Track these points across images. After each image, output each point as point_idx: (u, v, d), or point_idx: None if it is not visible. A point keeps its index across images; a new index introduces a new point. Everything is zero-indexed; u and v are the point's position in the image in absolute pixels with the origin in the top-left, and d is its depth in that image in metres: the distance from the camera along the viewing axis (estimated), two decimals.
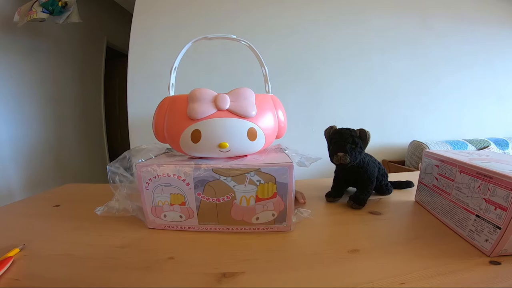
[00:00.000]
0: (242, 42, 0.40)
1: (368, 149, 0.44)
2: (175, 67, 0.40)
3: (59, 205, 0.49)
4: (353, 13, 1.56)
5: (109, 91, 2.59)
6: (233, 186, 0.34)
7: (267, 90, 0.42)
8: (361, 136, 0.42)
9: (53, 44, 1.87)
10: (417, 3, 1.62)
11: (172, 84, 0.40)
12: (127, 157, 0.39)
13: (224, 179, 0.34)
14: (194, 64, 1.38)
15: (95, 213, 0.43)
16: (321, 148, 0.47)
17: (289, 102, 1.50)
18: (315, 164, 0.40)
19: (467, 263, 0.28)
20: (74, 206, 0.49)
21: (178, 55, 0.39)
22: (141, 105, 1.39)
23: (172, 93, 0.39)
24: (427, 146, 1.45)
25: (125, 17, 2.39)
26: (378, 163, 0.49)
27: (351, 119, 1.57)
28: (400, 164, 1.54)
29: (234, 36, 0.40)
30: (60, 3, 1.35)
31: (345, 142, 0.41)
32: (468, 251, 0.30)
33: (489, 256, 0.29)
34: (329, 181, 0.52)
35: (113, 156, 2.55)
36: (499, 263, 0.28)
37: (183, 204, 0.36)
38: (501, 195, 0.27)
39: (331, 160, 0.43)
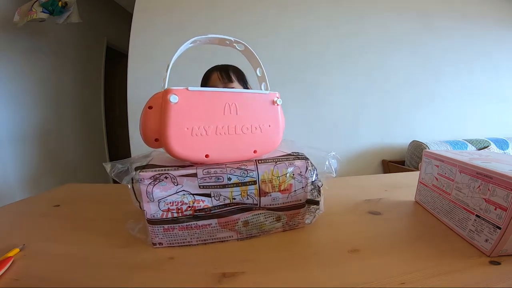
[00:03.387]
0: (236, 47, 0.38)
1: (368, 149, 0.44)
2: (170, 67, 0.39)
3: (59, 205, 0.49)
4: (352, 12, 1.56)
5: (109, 91, 2.60)
6: None
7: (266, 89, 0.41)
8: None
9: (53, 44, 1.87)
10: (417, 3, 1.62)
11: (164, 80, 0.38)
12: None
13: None
14: (191, 60, 1.37)
15: (95, 213, 0.42)
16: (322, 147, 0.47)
17: (288, 101, 1.50)
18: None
19: (467, 263, 0.28)
20: (74, 206, 0.49)
21: (174, 54, 0.37)
22: (141, 105, 1.39)
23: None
24: (427, 146, 1.45)
25: (125, 17, 2.39)
26: None
27: (351, 119, 1.57)
28: (400, 164, 1.54)
29: (232, 39, 0.38)
30: (60, 3, 1.35)
31: None
32: (468, 251, 0.30)
33: (489, 256, 0.29)
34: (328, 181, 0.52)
35: (113, 156, 2.55)
36: (499, 263, 0.28)
37: None
38: (501, 195, 0.27)
39: None
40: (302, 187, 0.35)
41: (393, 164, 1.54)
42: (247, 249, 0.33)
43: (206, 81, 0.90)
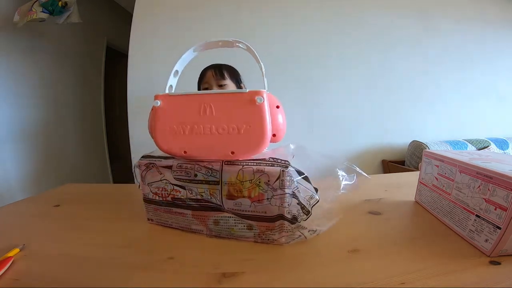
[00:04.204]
0: (240, 46, 0.39)
1: (368, 149, 0.44)
2: (176, 71, 0.39)
3: (59, 205, 0.49)
4: (352, 12, 1.56)
5: (109, 91, 2.59)
6: None
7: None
8: None
9: (53, 44, 1.87)
10: (417, 3, 1.62)
11: (171, 85, 0.39)
12: None
13: None
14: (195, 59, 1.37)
15: (95, 213, 0.42)
16: (321, 147, 0.46)
17: (288, 102, 1.50)
18: None
19: (467, 263, 0.28)
20: (74, 206, 0.49)
21: (179, 59, 0.38)
22: (141, 105, 1.39)
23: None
24: (427, 146, 1.45)
25: (125, 17, 2.39)
26: None
27: (351, 119, 1.57)
28: (400, 164, 1.54)
29: (231, 40, 0.39)
30: (60, 3, 1.35)
31: None
32: (468, 251, 0.30)
33: (489, 256, 0.29)
34: (324, 181, 0.51)
35: (113, 156, 2.55)
36: (499, 263, 0.28)
37: None
38: (501, 195, 0.27)
39: None
40: (267, 198, 0.31)
41: (393, 164, 1.54)
42: (247, 249, 0.32)
43: (201, 79, 0.96)
